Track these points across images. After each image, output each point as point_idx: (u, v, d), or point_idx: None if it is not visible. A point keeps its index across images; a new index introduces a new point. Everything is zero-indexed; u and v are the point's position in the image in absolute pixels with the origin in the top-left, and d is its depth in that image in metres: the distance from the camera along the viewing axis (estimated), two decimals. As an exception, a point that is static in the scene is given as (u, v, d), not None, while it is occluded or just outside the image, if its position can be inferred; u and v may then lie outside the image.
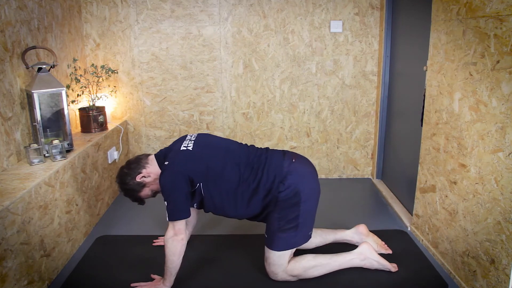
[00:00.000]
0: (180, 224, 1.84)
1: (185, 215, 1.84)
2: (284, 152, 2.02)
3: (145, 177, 1.99)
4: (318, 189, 2.00)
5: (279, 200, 1.89)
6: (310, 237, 2.02)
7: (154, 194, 2.07)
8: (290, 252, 1.94)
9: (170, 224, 1.85)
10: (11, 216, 1.69)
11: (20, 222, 1.75)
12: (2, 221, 1.62)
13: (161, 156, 2.02)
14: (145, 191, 2.03)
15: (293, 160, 1.96)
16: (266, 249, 1.95)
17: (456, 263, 2.00)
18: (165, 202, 1.84)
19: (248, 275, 2.06)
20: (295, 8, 3.14)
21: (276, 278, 1.96)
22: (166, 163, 1.90)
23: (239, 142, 2.11)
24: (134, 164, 2.01)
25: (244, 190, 1.92)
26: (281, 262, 1.92)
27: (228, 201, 1.94)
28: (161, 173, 1.88)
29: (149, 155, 2.07)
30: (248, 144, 2.10)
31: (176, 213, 1.83)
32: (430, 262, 2.17)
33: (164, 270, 1.88)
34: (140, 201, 2.09)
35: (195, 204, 1.97)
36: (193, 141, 1.98)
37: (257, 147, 2.07)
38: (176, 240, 1.83)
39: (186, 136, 2.07)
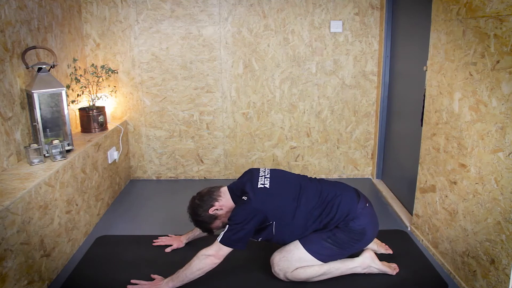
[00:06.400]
0: (227, 251, 1.84)
1: (240, 246, 1.84)
2: (358, 193, 2.04)
3: (217, 209, 1.98)
4: (376, 236, 2.06)
5: (345, 228, 1.92)
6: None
7: (225, 225, 2.01)
8: (308, 263, 1.93)
9: (217, 245, 1.83)
10: (11, 216, 1.69)
11: (20, 222, 1.75)
12: (2, 221, 1.62)
13: (234, 190, 2.02)
14: (217, 223, 2.02)
15: (367, 205, 2.00)
16: (297, 244, 1.94)
17: (456, 263, 2.00)
18: (227, 226, 1.84)
19: (248, 275, 2.06)
20: (295, 8, 3.14)
21: (277, 274, 1.95)
22: (244, 198, 1.90)
23: (309, 177, 2.12)
24: (207, 196, 2.00)
25: (315, 226, 1.94)
26: (293, 264, 1.92)
27: (297, 236, 1.96)
28: (238, 205, 1.90)
29: (221, 187, 2.06)
30: (317, 178, 2.13)
31: (232, 242, 1.83)
32: (430, 262, 2.17)
33: (178, 273, 1.87)
34: (210, 231, 2.09)
35: (260, 238, 1.97)
36: (268, 178, 1.99)
37: (328, 181, 2.08)
38: (211, 260, 1.83)
39: (258, 170, 2.07)
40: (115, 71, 3.19)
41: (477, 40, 1.76)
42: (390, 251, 2.22)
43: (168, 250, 2.28)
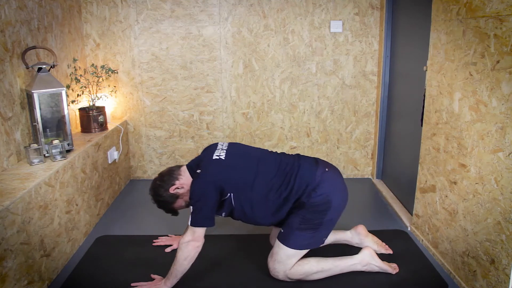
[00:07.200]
0: (201, 232, 1.85)
1: (209, 223, 1.85)
2: (316, 160, 2.02)
3: (178, 188, 1.98)
4: (346, 201, 2.01)
5: (308, 205, 1.89)
6: (323, 243, 2.02)
7: (187, 204, 2.03)
8: (299, 255, 1.93)
9: (191, 230, 1.85)
10: (11, 216, 1.69)
11: (20, 222, 1.75)
12: (2, 221, 1.62)
13: (192, 166, 2.02)
14: (179, 202, 2.02)
15: (326, 170, 1.97)
16: (278, 243, 1.94)
17: (456, 263, 2.00)
18: (191, 207, 1.85)
19: (249, 275, 2.06)
20: (295, 8, 3.14)
21: (276, 276, 1.96)
22: (198, 171, 1.91)
23: (270, 150, 2.11)
24: (167, 176, 2.00)
25: (275, 199, 1.92)
26: (287, 262, 1.92)
27: (258, 211, 1.94)
28: (193, 181, 1.90)
29: (181, 166, 2.06)
30: (278, 152, 2.11)
31: (201, 220, 1.84)
32: (430, 262, 2.17)
33: (170, 271, 1.88)
34: (174, 212, 2.09)
35: (223, 213, 1.98)
36: (225, 150, 1.98)
37: (288, 154, 2.07)
38: (192, 245, 1.83)
39: (216, 144, 2.06)
40: (115, 71, 3.19)
41: (477, 40, 1.76)
42: (390, 251, 2.22)
43: (168, 250, 2.28)
